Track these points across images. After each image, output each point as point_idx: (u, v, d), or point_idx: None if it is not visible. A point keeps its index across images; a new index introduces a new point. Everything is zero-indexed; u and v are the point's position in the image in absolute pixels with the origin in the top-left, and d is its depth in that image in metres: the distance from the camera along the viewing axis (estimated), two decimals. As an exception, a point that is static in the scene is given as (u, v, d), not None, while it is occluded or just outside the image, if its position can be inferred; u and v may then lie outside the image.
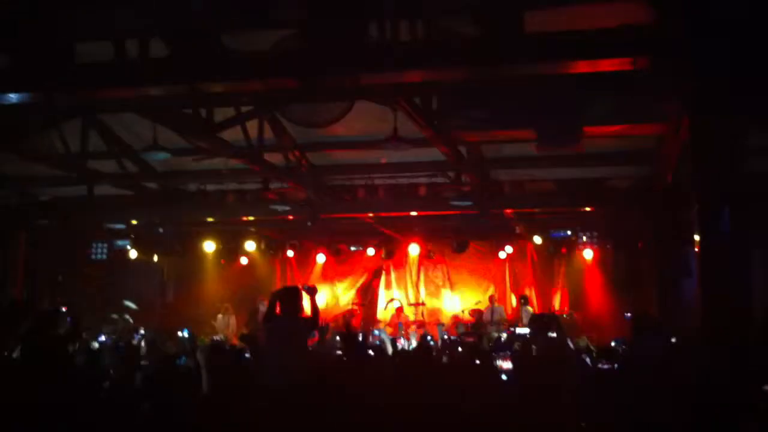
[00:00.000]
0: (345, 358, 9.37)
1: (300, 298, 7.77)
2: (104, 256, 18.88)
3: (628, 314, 13.10)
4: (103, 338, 14.06)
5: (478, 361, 9.37)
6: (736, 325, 5.92)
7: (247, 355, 9.44)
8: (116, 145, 11.24)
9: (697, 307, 6.23)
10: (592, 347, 11.46)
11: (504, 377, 8.86)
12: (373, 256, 19.04)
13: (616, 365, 8.49)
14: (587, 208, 14.60)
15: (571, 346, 8.93)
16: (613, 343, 11.72)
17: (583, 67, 6.55)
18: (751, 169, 6.54)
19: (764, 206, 7.45)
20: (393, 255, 18.97)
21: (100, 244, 18.79)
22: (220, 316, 17.46)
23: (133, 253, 17.96)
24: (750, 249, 6.07)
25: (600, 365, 8.86)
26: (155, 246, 18.20)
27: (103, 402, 6.62)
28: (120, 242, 18.05)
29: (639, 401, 5.22)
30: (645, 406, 5.13)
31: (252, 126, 10.31)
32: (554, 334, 8.36)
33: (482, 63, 6.51)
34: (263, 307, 15.55)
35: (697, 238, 6.42)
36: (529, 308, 17.10)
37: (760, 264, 8.73)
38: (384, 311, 18.83)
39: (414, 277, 19.39)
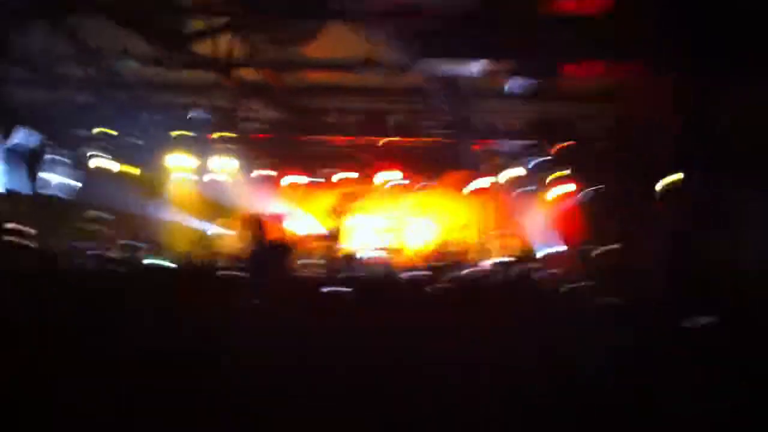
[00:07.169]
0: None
1: (263, 225, 7.76)
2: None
3: None
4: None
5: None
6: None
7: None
8: (84, 51, 10.89)
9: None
10: None
11: None
12: (345, 180, 18.85)
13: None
14: (560, 147, 14.60)
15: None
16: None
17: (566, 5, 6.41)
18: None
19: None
20: (365, 181, 18.82)
21: (68, 152, 18.34)
22: None
23: (103, 163, 17.55)
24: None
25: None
26: (126, 156, 17.88)
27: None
28: (90, 150, 17.59)
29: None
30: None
31: (224, 42, 10.05)
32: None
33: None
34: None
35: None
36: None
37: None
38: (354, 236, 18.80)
39: (385, 204, 19.32)
